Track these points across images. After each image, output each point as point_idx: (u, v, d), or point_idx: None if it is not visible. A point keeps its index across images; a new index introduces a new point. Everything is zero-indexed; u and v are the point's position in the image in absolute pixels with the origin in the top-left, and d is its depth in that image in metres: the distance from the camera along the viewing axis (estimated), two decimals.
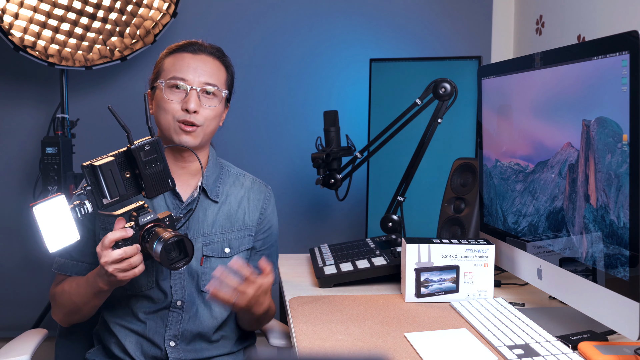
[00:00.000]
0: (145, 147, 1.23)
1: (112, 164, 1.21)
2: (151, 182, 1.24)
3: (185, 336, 1.46)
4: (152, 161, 1.24)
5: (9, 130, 2.44)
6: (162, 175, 1.26)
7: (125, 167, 1.24)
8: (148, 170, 1.24)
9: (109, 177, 1.21)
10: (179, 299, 1.45)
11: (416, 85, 1.95)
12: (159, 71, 1.46)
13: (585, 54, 1.15)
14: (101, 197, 1.21)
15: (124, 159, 1.24)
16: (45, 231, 1.18)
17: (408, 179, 1.76)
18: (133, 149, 1.23)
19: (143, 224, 1.27)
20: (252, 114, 2.50)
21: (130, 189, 1.25)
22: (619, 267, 1.08)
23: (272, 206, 1.57)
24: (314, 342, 1.22)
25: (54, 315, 1.49)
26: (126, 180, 1.24)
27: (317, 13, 2.50)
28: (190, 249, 1.25)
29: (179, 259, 1.24)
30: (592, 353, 1.09)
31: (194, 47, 1.46)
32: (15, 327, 2.21)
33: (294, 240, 2.47)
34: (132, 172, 1.25)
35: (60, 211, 1.19)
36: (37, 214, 1.16)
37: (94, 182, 1.21)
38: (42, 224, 1.17)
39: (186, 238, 1.24)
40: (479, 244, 1.44)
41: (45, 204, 1.17)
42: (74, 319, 1.47)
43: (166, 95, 1.42)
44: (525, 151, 1.40)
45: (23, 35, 2.14)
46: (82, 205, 1.21)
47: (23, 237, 2.47)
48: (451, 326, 1.29)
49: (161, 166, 1.25)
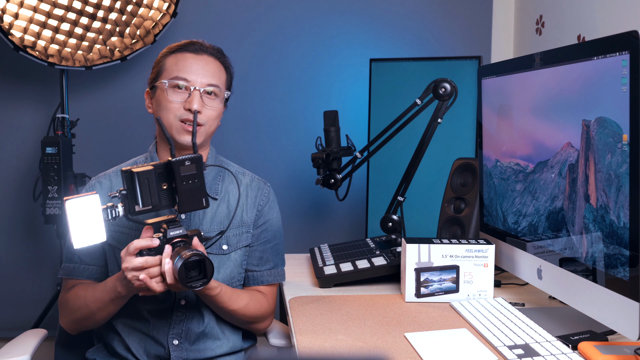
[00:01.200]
0: (185, 162, 1.24)
1: (150, 173, 1.22)
2: (186, 198, 1.25)
3: (189, 335, 1.46)
4: (190, 177, 1.24)
5: (9, 130, 2.44)
6: (198, 193, 1.26)
7: (163, 178, 1.24)
8: (185, 186, 1.24)
9: (145, 185, 1.21)
10: (183, 298, 1.46)
11: (416, 85, 1.95)
12: (159, 70, 1.46)
13: (585, 54, 1.15)
14: (134, 204, 1.22)
15: (163, 170, 1.24)
16: (73, 226, 1.18)
17: (408, 179, 1.76)
18: (173, 161, 1.23)
19: (170, 237, 1.27)
20: (252, 114, 2.50)
21: (164, 201, 1.25)
22: (619, 267, 1.08)
23: (270, 202, 1.56)
24: (314, 342, 1.22)
25: (63, 322, 1.48)
26: (162, 192, 1.24)
27: (317, 13, 2.50)
28: (210, 271, 1.24)
29: (197, 278, 1.24)
30: (592, 353, 1.09)
31: (195, 47, 1.46)
32: (15, 327, 2.21)
33: (294, 240, 2.47)
34: (169, 184, 1.25)
35: (92, 210, 1.19)
36: (69, 209, 1.17)
37: (130, 188, 1.22)
38: (72, 219, 1.18)
39: (208, 259, 1.23)
40: (479, 244, 1.44)
41: (78, 200, 1.18)
42: (85, 326, 1.45)
43: (169, 95, 1.42)
44: (525, 151, 1.40)
45: (23, 35, 2.14)
46: (114, 208, 1.22)
47: (23, 237, 2.47)
48: (451, 326, 1.29)
49: (198, 184, 1.25)
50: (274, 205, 1.57)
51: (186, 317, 1.46)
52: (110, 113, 2.44)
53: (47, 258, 2.48)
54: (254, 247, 1.53)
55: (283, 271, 1.58)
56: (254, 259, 1.52)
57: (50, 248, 2.47)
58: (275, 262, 1.56)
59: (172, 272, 1.24)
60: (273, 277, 1.54)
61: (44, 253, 2.48)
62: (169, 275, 1.24)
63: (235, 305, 1.42)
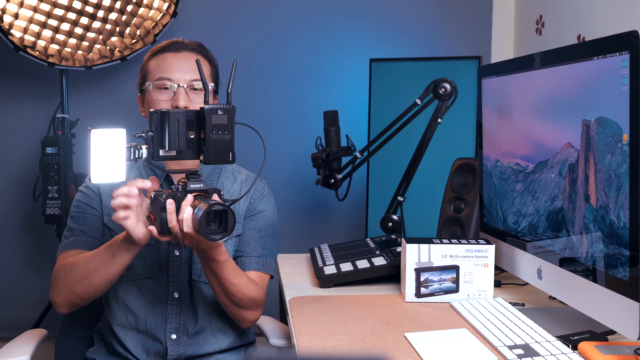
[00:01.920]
0: (218, 111, 1.19)
1: (181, 114, 1.19)
2: (213, 149, 1.19)
3: (186, 329, 1.47)
4: (221, 127, 1.19)
5: (9, 130, 2.44)
6: (226, 146, 1.21)
7: (192, 126, 1.20)
8: (214, 136, 1.19)
9: (174, 127, 1.18)
10: (176, 291, 1.47)
11: (416, 85, 1.95)
12: (145, 74, 1.50)
13: (585, 54, 1.15)
14: (159, 147, 1.19)
15: (194, 117, 1.20)
16: (94, 160, 1.14)
17: (408, 179, 1.76)
18: (206, 108, 1.18)
19: (190, 190, 1.23)
20: (252, 114, 2.50)
21: (190, 149, 1.21)
22: (619, 267, 1.08)
23: (265, 196, 1.56)
24: (314, 342, 1.22)
25: (55, 294, 1.41)
26: (189, 140, 1.20)
27: (317, 13, 2.50)
28: (232, 223, 1.18)
29: (217, 231, 1.18)
30: (592, 353, 1.09)
31: (175, 46, 1.49)
32: (15, 327, 2.21)
33: (294, 240, 2.47)
34: (197, 134, 1.21)
35: (116, 145, 1.15)
36: (93, 139, 1.13)
37: (158, 129, 1.18)
38: (94, 151, 1.13)
39: (231, 211, 1.18)
40: (479, 244, 1.44)
41: (104, 131, 1.14)
42: (78, 290, 1.38)
43: (155, 96, 1.45)
44: (525, 151, 1.40)
45: (23, 35, 2.14)
46: (139, 149, 1.18)
47: (23, 237, 2.47)
48: (451, 326, 1.29)
49: (228, 136, 1.21)
50: (268, 199, 1.57)
51: (181, 310, 1.47)
52: (110, 113, 2.44)
53: (47, 258, 2.48)
54: (244, 233, 1.53)
55: (272, 264, 1.55)
56: (243, 244, 1.53)
57: (50, 248, 2.47)
58: (263, 252, 1.54)
59: (190, 221, 1.19)
60: (260, 265, 1.51)
61: (44, 253, 2.48)
62: (187, 223, 1.20)
63: (236, 280, 1.38)
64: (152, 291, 1.48)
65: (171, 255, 1.48)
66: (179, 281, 1.48)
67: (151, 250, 1.48)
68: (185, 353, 1.47)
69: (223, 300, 1.43)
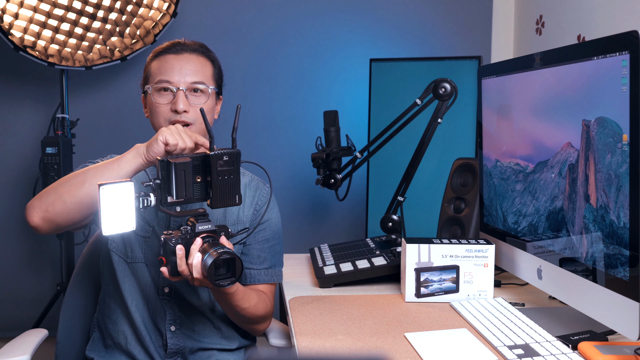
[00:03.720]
0: (223, 157, 1.23)
1: (187, 164, 1.21)
2: (220, 193, 1.24)
3: (183, 321, 1.48)
4: (227, 172, 1.23)
5: (9, 130, 2.44)
6: (232, 189, 1.25)
7: (198, 170, 1.23)
8: (220, 181, 1.23)
9: (180, 176, 1.20)
10: (166, 286, 1.47)
11: (416, 85, 1.95)
12: (147, 75, 1.49)
13: (585, 54, 1.15)
14: (167, 195, 1.21)
15: (200, 162, 1.24)
16: (105, 213, 1.16)
17: (408, 179, 1.76)
18: (212, 155, 1.22)
19: (199, 232, 1.26)
20: (252, 114, 2.50)
21: (197, 194, 1.24)
22: (619, 267, 1.08)
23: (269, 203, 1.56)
24: (314, 342, 1.22)
25: (32, 208, 1.31)
26: (195, 184, 1.23)
27: (317, 13, 2.50)
28: (239, 270, 1.23)
29: (225, 276, 1.22)
30: (592, 353, 1.09)
31: (176, 48, 1.47)
32: (15, 327, 2.22)
33: (294, 240, 2.47)
34: (203, 177, 1.24)
35: (125, 197, 1.18)
36: (103, 195, 1.16)
37: (165, 178, 1.21)
38: (104, 205, 1.16)
39: (238, 259, 1.22)
40: (479, 244, 1.44)
41: (113, 186, 1.16)
42: (53, 201, 1.29)
43: (155, 99, 1.44)
44: (525, 151, 1.40)
45: (23, 35, 2.14)
46: (147, 197, 1.21)
47: (23, 237, 2.47)
48: (451, 326, 1.29)
49: (234, 180, 1.25)
50: (273, 205, 1.57)
51: (174, 304, 1.47)
52: (110, 113, 2.45)
53: (47, 258, 2.48)
54: (252, 246, 1.53)
55: (280, 272, 1.57)
56: (251, 257, 1.52)
57: (50, 248, 2.47)
58: (273, 262, 1.55)
59: (200, 267, 1.23)
60: (270, 276, 1.53)
61: (44, 253, 2.48)
62: (196, 269, 1.23)
63: (246, 304, 1.41)
64: (147, 282, 1.48)
65: None
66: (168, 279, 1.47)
67: (147, 243, 1.48)
68: (186, 346, 1.47)
69: (233, 319, 1.48)
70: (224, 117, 1.62)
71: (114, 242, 1.48)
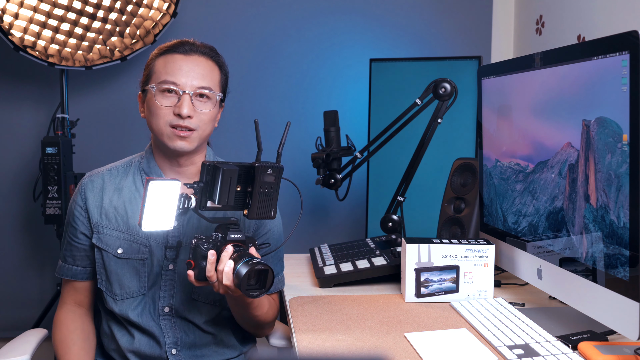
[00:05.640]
0: (268, 170, 1.24)
1: (234, 172, 1.22)
2: (258, 205, 1.25)
3: (184, 342, 1.44)
4: (268, 185, 1.25)
5: (9, 130, 2.43)
6: (270, 203, 1.26)
7: (240, 180, 1.24)
8: (261, 193, 1.24)
9: (226, 183, 1.21)
10: (167, 305, 1.43)
11: (416, 85, 1.95)
12: (149, 73, 1.40)
13: (585, 54, 1.15)
14: (207, 199, 1.22)
15: (244, 172, 1.24)
16: (148, 208, 1.16)
17: (408, 179, 1.76)
18: (258, 166, 1.23)
19: (230, 240, 1.27)
20: (252, 114, 2.49)
21: (236, 203, 1.25)
22: (619, 267, 1.08)
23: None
24: (314, 342, 1.22)
25: None
26: (236, 193, 1.24)
27: (317, 13, 2.50)
28: (270, 282, 1.23)
29: (254, 287, 1.22)
30: (592, 353, 1.09)
31: (185, 48, 1.39)
32: (15, 327, 2.21)
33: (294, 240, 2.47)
34: (243, 187, 1.25)
35: (170, 196, 1.18)
36: (150, 190, 1.16)
37: (209, 182, 1.22)
38: (149, 201, 1.16)
39: (271, 271, 1.22)
40: (479, 244, 1.44)
41: (161, 182, 1.17)
42: None
43: (158, 100, 1.36)
44: (525, 151, 1.40)
45: (23, 35, 2.14)
46: (188, 199, 1.21)
47: (23, 237, 2.47)
48: (451, 326, 1.29)
49: (274, 194, 1.26)
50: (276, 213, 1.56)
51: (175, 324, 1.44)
52: (110, 113, 2.44)
53: (47, 258, 2.48)
54: None
55: (283, 277, 1.58)
56: None
57: (50, 248, 2.47)
58: (277, 269, 1.53)
59: (231, 274, 1.22)
60: (277, 283, 1.53)
61: (44, 253, 2.48)
62: (227, 276, 1.22)
63: (260, 311, 1.40)
64: (145, 305, 1.43)
65: (165, 269, 1.43)
66: (170, 296, 1.43)
67: (145, 265, 1.42)
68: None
69: (243, 325, 1.48)
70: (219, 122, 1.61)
71: (101, 279, 1.44)
